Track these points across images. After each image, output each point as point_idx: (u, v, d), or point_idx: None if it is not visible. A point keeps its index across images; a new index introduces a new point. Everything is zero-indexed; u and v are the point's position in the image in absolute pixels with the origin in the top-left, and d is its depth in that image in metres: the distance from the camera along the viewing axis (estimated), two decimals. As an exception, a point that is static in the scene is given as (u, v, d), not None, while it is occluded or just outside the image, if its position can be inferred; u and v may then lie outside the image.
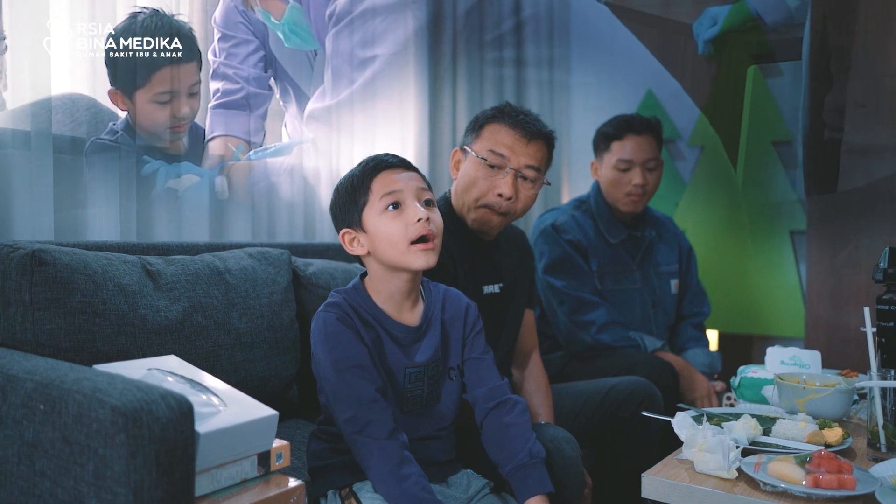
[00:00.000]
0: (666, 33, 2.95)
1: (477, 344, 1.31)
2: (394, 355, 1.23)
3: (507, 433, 1.26)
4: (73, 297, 1.25)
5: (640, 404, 1.66)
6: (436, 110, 2.60)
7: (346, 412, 1.15)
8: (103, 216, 1.69)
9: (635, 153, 2.15)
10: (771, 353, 1.63)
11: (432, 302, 1.29)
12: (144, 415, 0.87)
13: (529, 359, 1.67)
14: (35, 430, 0.95)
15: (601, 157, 2.24)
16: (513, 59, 2.93)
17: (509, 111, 1.54)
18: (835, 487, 1.02)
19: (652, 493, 1.14)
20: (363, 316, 1.22)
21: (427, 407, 1.27)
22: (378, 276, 1.25)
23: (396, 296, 1.25)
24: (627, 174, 2.16)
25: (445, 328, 1.29)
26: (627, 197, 2.17)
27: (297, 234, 2.16)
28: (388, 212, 1.20)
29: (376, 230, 1.21)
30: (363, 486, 1.20)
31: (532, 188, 1.54)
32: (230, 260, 1.59)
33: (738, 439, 1.22)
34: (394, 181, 1.22)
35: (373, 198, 1.21)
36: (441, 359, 1.28)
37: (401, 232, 1.19)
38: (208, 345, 1.44)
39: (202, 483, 0.96)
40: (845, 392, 1.39)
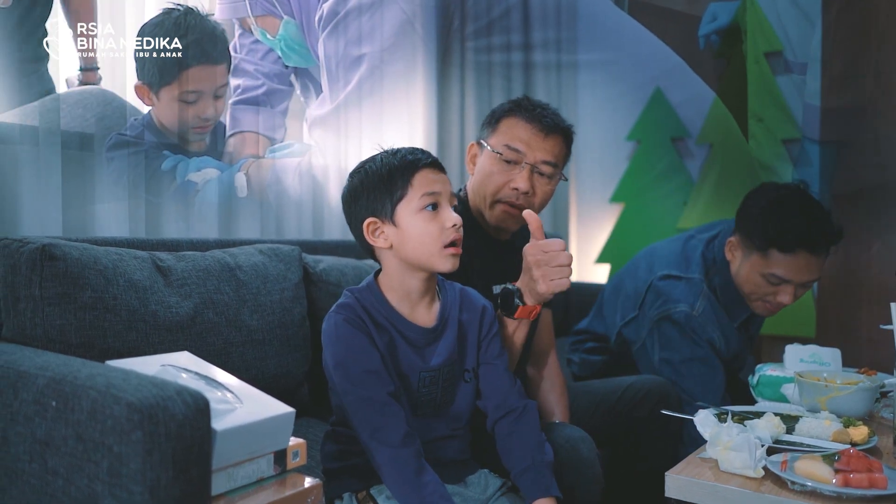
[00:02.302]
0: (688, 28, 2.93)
1: (493, 347, 1.28)
2: (408, 359, 1.20)
3: (513, 440, 1.24)
4: (83, 293, 1.23)
5: (657, 403, 1.63)
6: (443, 105, 2.58)
7: (357, 417, 1.14)
8: (112, 212, 1.68)
9: (799, 274, 1.70)
10: (790, 351, 1.61)
11: (448, 302, 1.26)
12: (160, 411, 0.85)
13: (546, 357, 1.65)
14: (47, 427, 0.92)
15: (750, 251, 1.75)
16: (520, 54, 2.90)
17: (526, 105, 1.51)
18: (865, 486, 1.00)
19: (676, 492, 1.12)
20: (376, 318, 1.19)
21: (441, 409, 1.24)
22: (395, 273, 1.22)
23: (413, 294, 1.22)
24: (776, 288, 1.73)
25: (462, 329, 1.26)
26: (763, 304, 1.78)
27: (306, 232, 2.14)
28: (425, 211, 1.17)
29: (410, 227, 1.17)
30: (382, 491, 1.18)
31: (549, 184, 1.52)
32: (241, 256, 1.57)
33: (762, 437, 1.19)
34: (434, 182, 1.19)
35: (412, 194, 1.17)
36: (457, 360, 1.25)
37: (436, 234, 1.17)
38: (219, 342, 1.42)
39: (218, 482, 0.94)
40: (869, 390, 1.37)
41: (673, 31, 2.94)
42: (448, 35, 2.59)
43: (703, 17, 2.88)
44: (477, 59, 2.70)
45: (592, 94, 3.10)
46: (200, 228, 1.86)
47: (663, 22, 2.97)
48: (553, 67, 3.02)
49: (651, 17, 2.98)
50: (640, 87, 3.00)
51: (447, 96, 2.60)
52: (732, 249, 1.80)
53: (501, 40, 2.80)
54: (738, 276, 1.79)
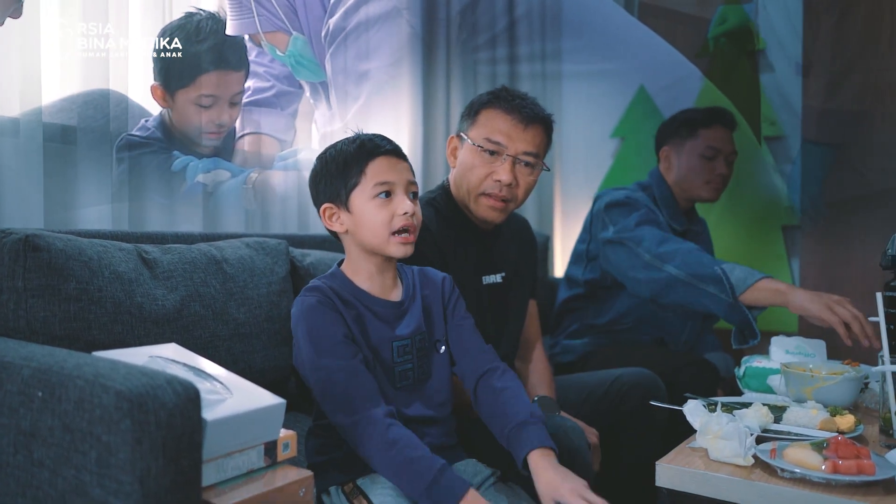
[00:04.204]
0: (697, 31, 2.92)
1: (458, 310, 1.33)
2: (377, 330, 1.23)
3: (500, 397, 1.25)
4: (67, 284, 1.21)
5: (645, 395, 1.64)
6: (429, 102, 2.57)
7: (327, 393, 1.15)
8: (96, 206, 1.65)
9: (723, 143, 2.14)
10: (776, 343, 1.62)
11: (409, 281, 1.31)
12: (150, 400, 0.83)
13: (533, 350, 1.65)
14: (33, 417, 0.91)
15: (681, 143, 2.17)
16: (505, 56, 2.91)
17: (505, 96, 1.51)
18: (854, 473, 1.01)
19: (667, 481, 1.12)
20: (344, 297, 1.23)
21: (419, 382, 1.26)
22: (355, 257, 1.27)
23: (375, 276, 1.26)
24: (712, 163, 2.13)
25: (426, 302, 1.31)
26: (708, 185, 2.13)
27: (292, 226, 2.12)
28: (377, 199, 1.21)
29: (362, 214, 1.22)
30: (371, 482, 1.17)
31: (531, 174, 1.52)
32: (227, 249, 1.55)
33: (751, 426, 1.20)
34: (389, 170, 1.22)
35: (365, 182, 1.22)
36: (426, 332, 1.28)
37: (386, 221, 1.21)
38: (206, 335, 1.41)
39: (209, 472, 0.93)
40: (854, 380, 1.38)
41: (682, 34, 2.94)
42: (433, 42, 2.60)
43: (713, 19, 2.88)
44: (463, 57, 2.70)
45: (577, 90, 3.10)
46: (184, 223, 1.83)
47: (672, 24, 2.96)
48: (538, 58, 3.03)
49: (660, 19, 2.97)
50: (625, 85, 3.01)
51: (433, 92, 2.59)
52: (667, 158, 2.19)
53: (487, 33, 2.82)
54: (679, 176, 2.15)
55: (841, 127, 2.55)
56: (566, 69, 3.11)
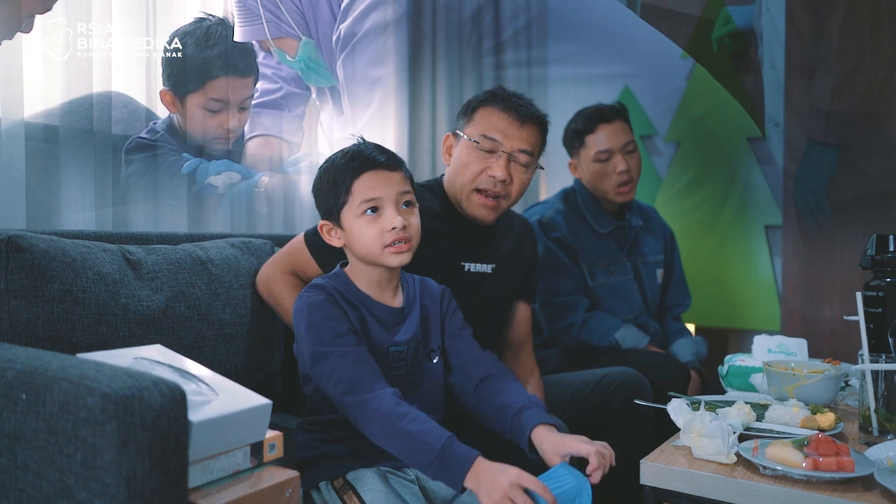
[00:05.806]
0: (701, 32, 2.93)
1: (455, 321, 1.35)
2: (378, 335, 1.25)
3: (500, 394, 1.28)
4: (51, 285, 1.20)
5: (630, 394, 1.65)
6: (415, 103, 2.57)
7: (333, 377, 1.15)
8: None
9: (612, 140, 2.13)
10: (758, 342, 1.64)
11: (410, 289, 1.33)
12: (136, 402, 0.83)
13: (521, 351, 1.66)
14: (17, 420, 0.90)
15: (577, 154, 2.20)
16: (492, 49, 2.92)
17: (502, 95, 1.52)
18: (834, 469, 1.03)
19: (651, 479, 1.13)
20: (347, 297, 1.24)
21: (411, 388, 1.27)
22: (357, 265, 1.29)
23: (376, 283, 1.28)
24: (609, 163, 2.13)
25: (424, 311, 1.32)
26: (616, 187, 2.13)
27: (277, 227, 2.12)
28: (365, 216, 1.23)
29: (353, 231, 1.24)
30: (360, 476, 1.17)
31: (526, 172, 1.53)
32: (212, 250, 1.54)
33: (734, 425, 1.22)
34: (375, 186, 1.23)
35: (352, 200, 1.23)
36: (422, 340, 1.30)
37: (375, 237, 1.22)
38: (192, 335, 1.40)
39: (195, 474, 0.93)
40: (834, 378, 1.40)
41: (685, 35, 2.95)
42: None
43: (717, 20, 2.89)
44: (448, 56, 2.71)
45: (562, 90, 3.12)
46: (168, 224, 1.82)
47: (676, 25, 2.97)
48: (524, 64, 3.04)
49: (663, 20, 2.98)
50: (609, 86, 3.02)
51: (419, 92, 2.59)
52: (574, 169, 2.23)
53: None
54: (588, 180, 2.18)
55: (844, 127, 2.57)
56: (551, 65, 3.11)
